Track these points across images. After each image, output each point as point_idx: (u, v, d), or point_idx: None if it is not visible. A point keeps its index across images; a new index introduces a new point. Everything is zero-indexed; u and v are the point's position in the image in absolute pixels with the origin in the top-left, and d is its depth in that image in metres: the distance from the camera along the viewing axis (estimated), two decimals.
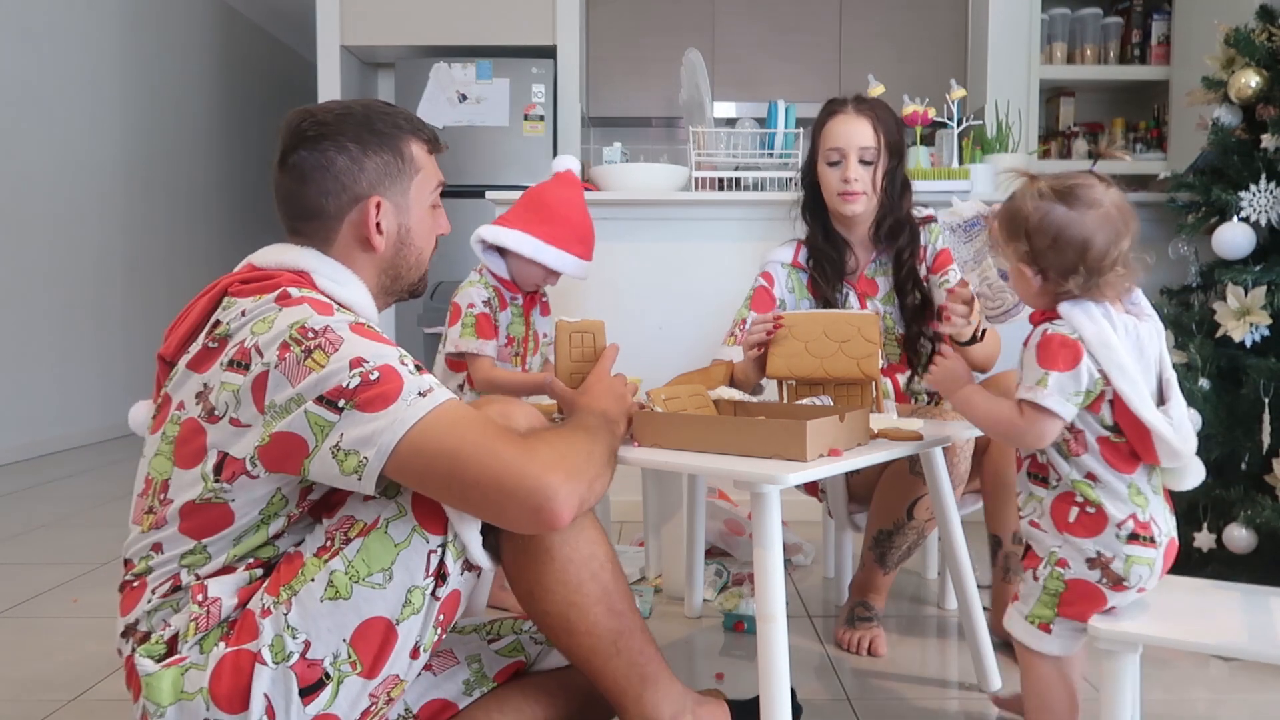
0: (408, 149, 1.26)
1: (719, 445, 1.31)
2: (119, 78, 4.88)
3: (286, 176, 1.21)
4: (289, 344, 1.06)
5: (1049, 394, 1.21)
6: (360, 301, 1.21)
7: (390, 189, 1.24)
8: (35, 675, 1.80)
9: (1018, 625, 1.30)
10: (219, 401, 1.08)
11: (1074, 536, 1.25)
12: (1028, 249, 1.26)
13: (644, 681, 1.21)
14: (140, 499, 1.15)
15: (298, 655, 1.05)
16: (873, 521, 1.92)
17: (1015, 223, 1.28)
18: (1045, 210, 1.25)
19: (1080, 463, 1.25)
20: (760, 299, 2.09)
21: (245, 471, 1.07)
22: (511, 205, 2.18)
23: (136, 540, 1.14)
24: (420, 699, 1.25)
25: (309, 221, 1.22)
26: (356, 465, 1.04)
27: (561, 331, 1.47)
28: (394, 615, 1.08)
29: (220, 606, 1.08)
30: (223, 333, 1.11)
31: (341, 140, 1.20)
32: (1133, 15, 4.13)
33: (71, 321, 4.56)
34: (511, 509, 1.05)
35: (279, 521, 1.12)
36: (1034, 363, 1.24)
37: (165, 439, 1.13)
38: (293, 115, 1.24)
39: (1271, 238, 2.11)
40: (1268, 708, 1.65)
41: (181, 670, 1.06)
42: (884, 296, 2.06)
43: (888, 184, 1.99)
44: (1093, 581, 1.23)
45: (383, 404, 1.04)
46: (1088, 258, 1.23)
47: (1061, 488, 1.27)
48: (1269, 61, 2.14)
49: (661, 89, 4.67)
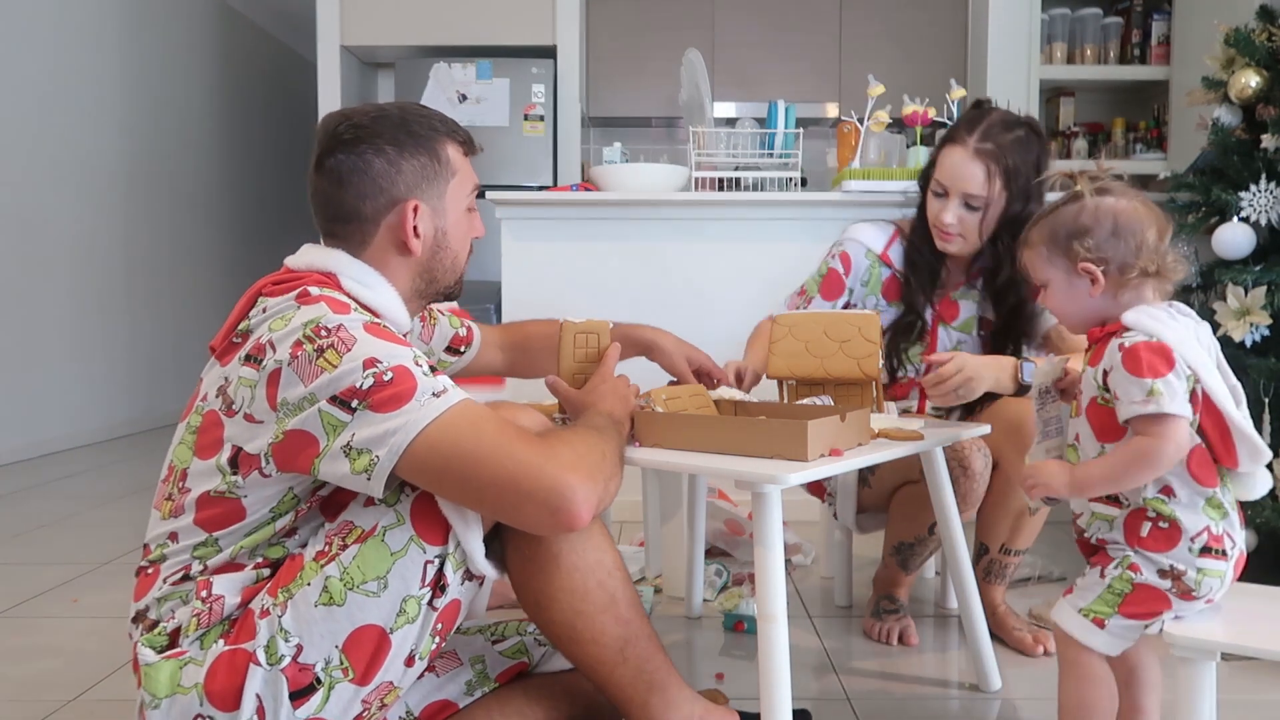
0: (444, 151, 1.25)
1: (719, 445, 1.31)
2: (119, 78, 4.88)
3: (323, 179, 1.21)
4: (302, 341, 1.06)
5: (1167, 398, 1.15)
6: (387, 305, 1.21)
7: (427, 192, 1.24)
8: (35, 675, 1.80)
9: (1069, 618, 1.26)
10: (237, 395, 1.10)
11: (1147, 550, 1.21)
12: (1092, 242, 1.23)
13: (650, 689, 1.21)
14: (163, 485, 1.17)
15: (289, 659, 1.05)
16: (893, 534, 1.93)
17: (1069, 222, 1.25)
18: (1098, 201, 1.24)
19: (1160, 478, 1.20)
20: (831, 284, 1.97)
21: (259, 468, 1.08)
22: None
23: (155, 526, 1.15)
24: (422, 701, 1.25)
25: (345, 224, 1.22)
26: (367, 464, 1.03)
27: (566, 332, 1.47)
28: (387, 624, 1.07)
29: (223, 604, 1.09)
30: (245, 328, 1.13)
31: (379, 143, 1.20)
32: (1133, 15, 4.13)
33: (72, 321, 4.56)
34: (529, 509, 1.04)
35: (288, 517, 1.12)
36: (1129, 378, 1.17)
37: (189, 428, 1.15)
38: (329, 118, 1.24)
39: (1271, 238, 2.10)
40: (1268, 708, 1.65)
41: (180, 664, 1.07)
42: (962, 324, 1.93)
43: (999, 232, 1.80)
44: (1162, 589, 1.21)
45: (396, 404, 1.03)
46: (1146, 245, 1.21)
47: (1133, 505, 1.23)
48: (1269, 61, 2.14)
49: (661, 89, 4.67)
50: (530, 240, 2.91)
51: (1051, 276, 1.30)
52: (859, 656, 1.87)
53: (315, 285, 1.14)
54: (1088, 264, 1.25)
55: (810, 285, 2.02)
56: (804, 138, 3.00)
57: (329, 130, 1.22)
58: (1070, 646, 1.28)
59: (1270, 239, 2.11)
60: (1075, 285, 1.27)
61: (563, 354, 1.46)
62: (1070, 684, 1.29)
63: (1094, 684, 1.27)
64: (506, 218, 2.90)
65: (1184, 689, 1.19)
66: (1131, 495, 1.23)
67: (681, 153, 3.84)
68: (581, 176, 4.37)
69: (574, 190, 3.06)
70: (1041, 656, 1.84)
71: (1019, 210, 1.77)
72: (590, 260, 2.90)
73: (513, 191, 2.94)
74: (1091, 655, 1.26)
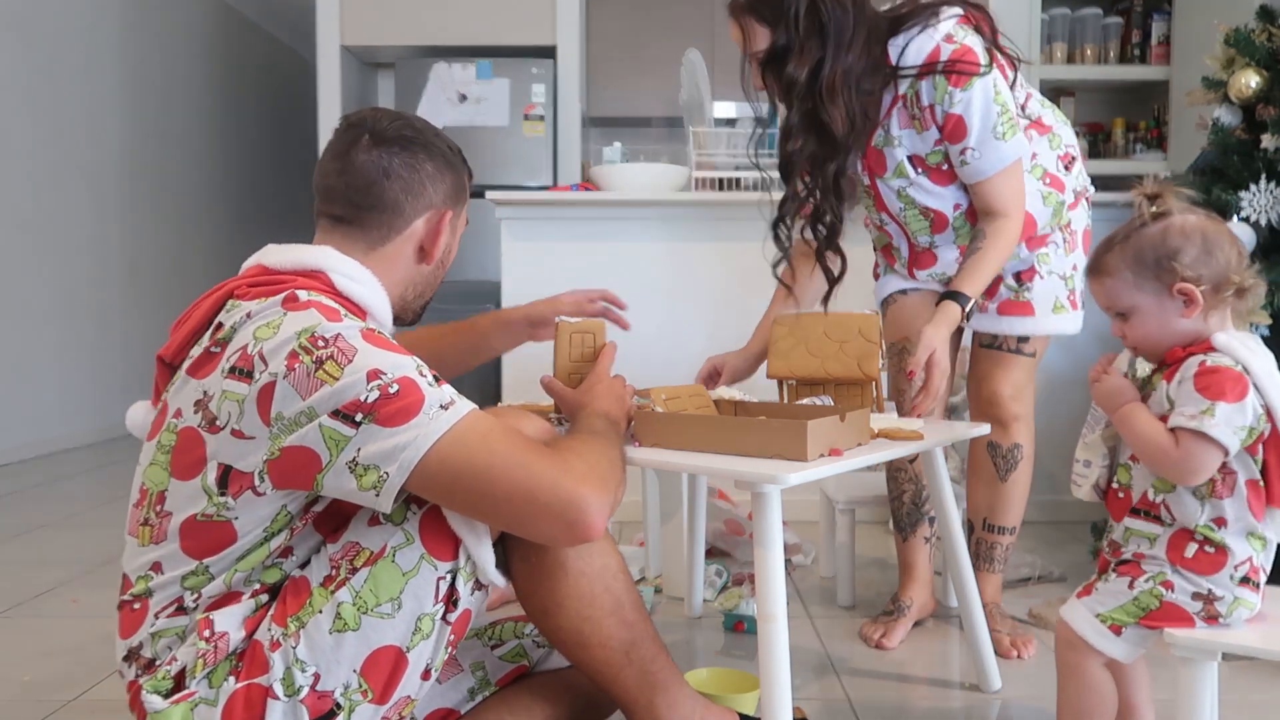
0: (466, 180, 1.30)
1: (719, 445, 1.31)
2: (118, 77, 4.88)
3: (366, 167, 1.18)
4: (298, 353, 1.02)
5: (1217, 424, 1.13)
6: (377, 304, 1.18)
7: (455, 209, 1.27)
8: (35, 675, 1.80)
9: (1083, 620, 1.25)
10: (220, 411, 1.04)
11: (1189, 571, 1.20)
12: (1187, 261, 1.20)
13: (654, 689, 1.21)
14: (135, 509, 1.11)
15: (308, 689, 1.03)
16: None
17: (1157, 243, 1.22)
18: (1183, 219, 1.21)
19: (1217, 505, 1.19)
20: None
21: (252, 487, 1.04)
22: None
23: (135, 555, 1.11)
24: (426, 708, 1.25)
25: (377, 214, 1.19)
26: (376, 481, 1.00)
27: (562, 331, 1.47)
28: (404, 643, 1.06)
29: (228, 640, 1.06)
30: (224, 336, 1.07)
31: (433, 150, 1.23)
32: (1133, 15, 4.13)
33: (71, 321, 4.56)
34: (544, 522, 1.03)
35: (282, 536, 1.08)
36: (1194, 393, 1.16)
37: (161, 448, 1.09)
38: (376, 111, 1.24)
39: (1271, 238, 2.10)
40: (1268, 708, 1.65)
41: (191, 705, 1.04)
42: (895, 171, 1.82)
43: (782, 57, 1.69)
44: (1190, 611, 1.20)
45: (404, 418, 1.00)
46: (1233, 261, 1.19)
47: (1178, 526, 1.22)
48: (1269, 61, 2.14)
49: (661, 89, 4.67)
50: (530, 240, 2.91)
51: (1140, 302, 1.25)
52: (859, 656, 1.87)
53: (302, 289, 1.09)
54: (1186, 285, 1.20)
55: None
56: None
57: (380, 123, 1.21)
58: (1072, 652, 1.27)
59: (1270, 239, 2.11)
60: (1167, 308, 1.22)
61: (558, 353, 1.46)
62: (1070, 690, 1.29)
63: (1094, 691, 1.27)
64: (506, 218, 2.90)
65: (1184, 689, 1.19)
66: (1181, 517, 1.21)
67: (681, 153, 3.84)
68: (581, 176, 4.37)
69: (574, 190, 3.06)
70: (1015, 660, 1.84)
71: (787, 36, 1.66)
72: (590, 260, 2.90)
73: (513, 191, 2.94)
74: (1093, 662, 1.26)
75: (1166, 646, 1.21)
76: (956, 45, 1.67)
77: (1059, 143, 1.87)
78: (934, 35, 1.68)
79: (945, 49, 1.67)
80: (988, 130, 1.69)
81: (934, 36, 1.68)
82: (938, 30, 1.68)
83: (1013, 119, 1.71)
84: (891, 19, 1.72)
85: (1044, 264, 1.86)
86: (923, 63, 1.68)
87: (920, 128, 1.74)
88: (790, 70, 1.67)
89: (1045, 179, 1.84)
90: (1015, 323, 1.87)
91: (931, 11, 1.70)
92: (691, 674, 1.53)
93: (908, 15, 1.71)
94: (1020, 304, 1.86)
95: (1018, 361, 1.90)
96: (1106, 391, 1.28)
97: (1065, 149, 1.88)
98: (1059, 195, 1.84)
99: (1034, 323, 1.86)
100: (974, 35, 1.70)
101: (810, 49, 1.66)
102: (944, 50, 1.67)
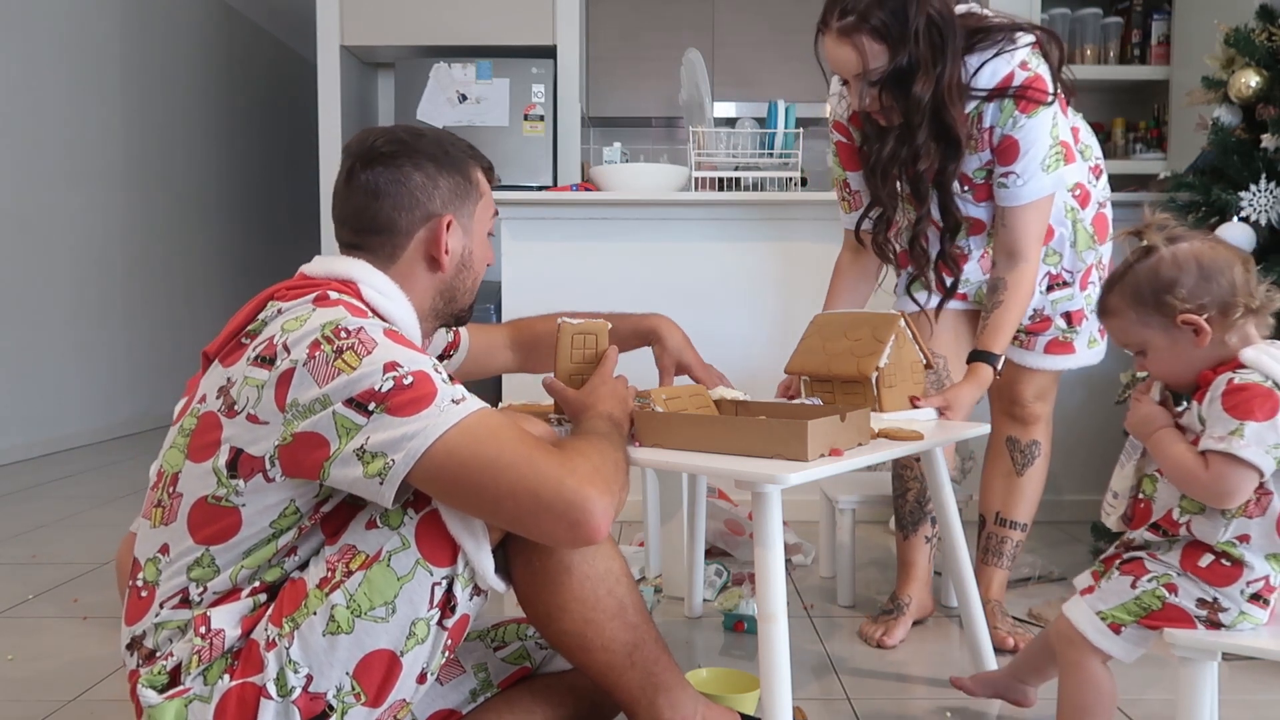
0: (474, 174, 1.30)
1: (720, 445, 1.31)
2: (119, 77, 4.88)
3: (357, 192, 1.22)
4: (320, 342, 1.05)
5: (1246, 444, 1.12)
6: (403, 318, 1.20)
7: (459, 210, 1.27)
8: (35, 675, 1.80)
9: (1084, 617, 1.25)
10: (240, 396, 1.07)
11: (1202, 580, 1.20)
12: (1184, 292, 1.19)
13: (657, 690, 1.21)
14: (151, 492, 1.15)
15: (300, 690, 1.04)
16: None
17: (1151, 278, 1.22)
18: (1174, 249, 1.20)
19: (1243, 523, 1.18)
20: (845, 155, 1.96)
21: (263, 471, 1.05)
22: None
23: (146, 537, 1.13)
24: (427, 709, 1.25)
25: (377, 236, 1.22)
26: (381, 468, 1.01)
27: (564, 333, 1.46)
28: (398, 647, 1.06)
29: (224, 638, 1.06)
30: (255, 329, 1.12)
31: (418, 158, 1.23)
32: (1133, 15, 4.13)
33: (72, 321, 4.56)
34: (547, 522, 1.03)
35: (290, 534, 1.09)
36: (1223, 413, 1.15)
37: (182, 431, 1.13)
38: (365, 133, 1.26)
39: (1271, 238, 2.11)
40: (1267, 708, 1.65)
41: (185, 702, 1.05)
42: None
43: (904, 79, 1.66)
44: (1192, 615, 1.20)
45: (414, 409, 1.02)
46: (1237, 282, 1.18)
47: (1193, 538, 1.22)
48: (1269, 61, 2.14)
49: (661, 89, 4.67)
50: (530, 240, 2.91)
51: (1148, 338, 1.24)
52: (859, 656, 1.87)
53: (334, 290, 1.14)
54: (1188, 315, 1.20)
55: (834, 171, 2.00)
56: (804, 138, 3.00)
57: (366, 145, 1.23)
58: (1074, 649, 1.27)
59: (1270, 239, 2.11)
60: (1178, 341, 1.22)
61: (560, 355, 1.46)
62: (1071, 686, 1.29)
63: (1095, 688, 1.27)
64: (506, 217, 2.90)
65: (1184, 689, 1.19)
66: (1202, 535, 1.20)
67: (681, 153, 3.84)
68: (581, 176, 4.38)
69: (574, 190, 3.06)
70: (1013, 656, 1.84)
71: (909, 55, 1.64)
72: (590, 260, 2.90)
73: (513, 191, 2.94)
74: (1094, 660, 1.26)
75: (1166, 646, 1.21)
76: (1030, 73, 1.69)
77: (1090, 154, 1.92)
78: (1010, 61, 1.69)
79: (1019, 75, 1.69)
80: (1037, 160, 1.71)
81: (1010, 62, 1.69)
82: (1014, 56, 1.69)
83: (1060, 153, 1.74)
84: (967, 31, 1.71)
85: (1089, 304, 1.92)
86: (995, 86, 1.69)
87: (974, 149, 1.76)
88: (917, 90, 1.66)
89: (1075, 189, 1.87)
90: (1059, 360, 1.95)
91: (1009, 36, 1.70)
92: (692, 674, 1.53)
93: (982, 32, 1.71)
94: (1065, 344, 1.94)
95: (1044, 371, 1.97)
96: (1139, 419, 1.27)
97: (1095, 160, 1.92)
98: (1080, 210, 1.88)
99: (1074, 359, 1.95)
100: (1045, 64, 1.72)
101: (931, 65, 1.65)
102: (1018, 76, 1.69)
